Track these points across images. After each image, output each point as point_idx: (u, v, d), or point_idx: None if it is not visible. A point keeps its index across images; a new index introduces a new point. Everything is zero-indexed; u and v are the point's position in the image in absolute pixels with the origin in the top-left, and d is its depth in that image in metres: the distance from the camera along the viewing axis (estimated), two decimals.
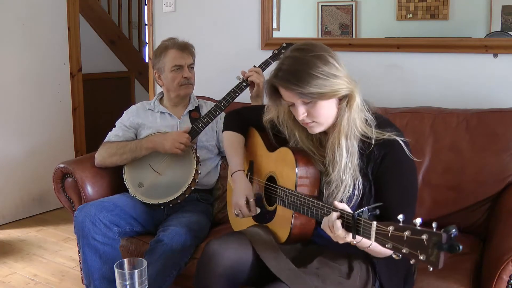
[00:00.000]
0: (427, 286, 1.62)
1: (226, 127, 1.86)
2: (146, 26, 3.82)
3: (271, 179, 1.68)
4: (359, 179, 1.43)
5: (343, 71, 1.41)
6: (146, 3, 4.41)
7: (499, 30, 2.25)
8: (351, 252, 1.51)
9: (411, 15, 2.41)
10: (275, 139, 1.68)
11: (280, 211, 1.62)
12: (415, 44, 2.37)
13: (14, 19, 3.39)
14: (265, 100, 2.13)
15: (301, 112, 1.42)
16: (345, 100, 1.42)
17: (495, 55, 2.22)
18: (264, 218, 1.70)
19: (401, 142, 1.41)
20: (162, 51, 2.29)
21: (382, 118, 1.49)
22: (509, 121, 2.00)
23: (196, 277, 1.56)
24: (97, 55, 4.48)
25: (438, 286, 1.62)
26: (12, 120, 3.45)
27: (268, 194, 1.69)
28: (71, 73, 3.80)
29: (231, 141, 1.83)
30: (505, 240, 1.59)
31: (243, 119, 1.84)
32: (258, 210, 1.70)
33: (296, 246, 1.61)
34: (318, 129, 1.46)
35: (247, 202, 1.69)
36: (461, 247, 1.00)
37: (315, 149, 1.54)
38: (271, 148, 1.70)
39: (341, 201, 1.41)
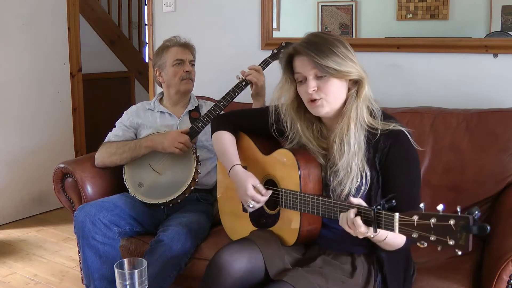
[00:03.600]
0: (427, 286, 1.62)
1: (214, 129, 1.79)
2: (146, 26, 3.82)
3: (270, 183, 1.65)
4: (367, 169, 1.44)
5: (357, 61, 1.47)
6: (146, 3, 4.41)
7: (499, 30, 2.25)
8: (354, 251, 1.51)
9: (411, 15, 2.41)
10: (269, 140, 1.67)
11: (284, 214, 1.59)
12: (415, 44, 2.38)
13: (14, 19, 3.39)
14: (267, 101, 2.13)
15: (312, 86, 1.44)
16: (354, 87, 1.46)
17: (495, 55, 2.22)
18: (265, 222, 1.67)
19: (406, 133, 1.45)
20: (164, 48, 2.32)
21: (385, 112, 1.53)
22: (509, 121, 2.00)
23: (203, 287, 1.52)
24: (97, 55, 4.48)
25: (438, 286, 1.62)
26: (12, 120, 3.45)
27: (268, 198, 1.63)
28: (71, 73, 3.80)
29: (222, 139, 1.74)
30: (505, 240, 1.59)
31: (232, 122, 1.78)
32: (270, 192, 1.61)
33: (299, 247, 1.60)
34: (324, 109, 1.47)
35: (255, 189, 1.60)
36: (489, 227, 1.01)
37: (315, 140, 1.54)
38: (266, 151, 1.68)
39: (349, 192, 1.42)
